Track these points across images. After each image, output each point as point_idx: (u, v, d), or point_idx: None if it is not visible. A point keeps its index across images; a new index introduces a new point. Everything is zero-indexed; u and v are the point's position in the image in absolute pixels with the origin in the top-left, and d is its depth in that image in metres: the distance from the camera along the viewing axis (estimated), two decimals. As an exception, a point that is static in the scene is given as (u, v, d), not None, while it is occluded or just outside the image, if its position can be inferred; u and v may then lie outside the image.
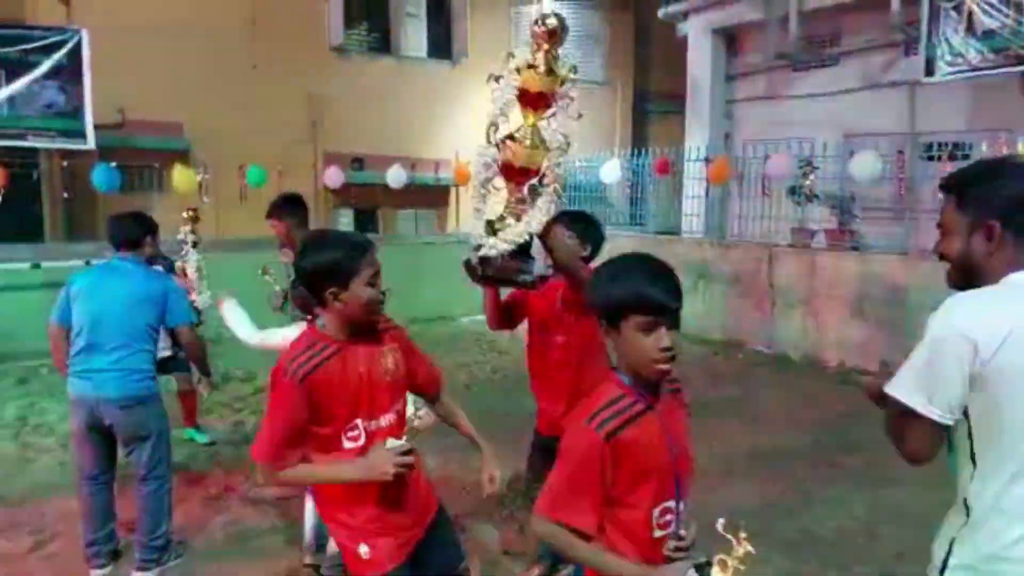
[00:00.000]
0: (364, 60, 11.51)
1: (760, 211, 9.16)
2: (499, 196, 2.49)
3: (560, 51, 2.40)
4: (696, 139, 10.32)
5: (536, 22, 2.37)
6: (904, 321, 6.64)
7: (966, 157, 7.85)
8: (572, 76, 2.44)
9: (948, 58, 6.75)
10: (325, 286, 1.95)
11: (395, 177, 9.55)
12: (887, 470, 3.92)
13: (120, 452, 3.38)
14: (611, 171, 9.59)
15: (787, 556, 3.51)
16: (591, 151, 11.48)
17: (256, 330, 3.25)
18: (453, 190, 11.93)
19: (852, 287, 7.47)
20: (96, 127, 8.36)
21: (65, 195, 8.64)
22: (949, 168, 3.01)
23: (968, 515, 1.49)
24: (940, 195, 1.61)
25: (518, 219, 2.45)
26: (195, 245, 4.79)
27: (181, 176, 7.50)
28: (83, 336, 3.19)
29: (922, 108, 8.63)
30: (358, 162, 11.22)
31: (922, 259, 6.65)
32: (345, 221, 11.67)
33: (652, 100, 14.40)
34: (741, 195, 8.88)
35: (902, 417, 1.49)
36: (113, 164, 7.15)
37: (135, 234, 3.38)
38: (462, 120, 12.14)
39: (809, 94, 9.86)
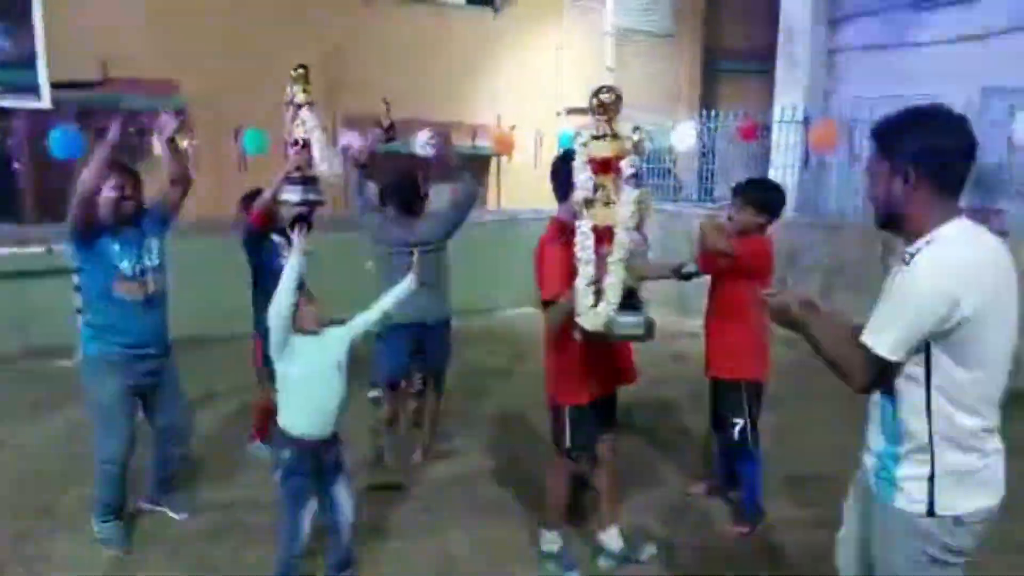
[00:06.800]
0: (393, 8, 9.96)
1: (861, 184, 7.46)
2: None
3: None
4: (788, 97, 8.54)
5: (593, 96, 2.58)
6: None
7: None
8: (638, 137, 2.66)
9: None
10: None
11: (420, 144, 7.98)
12: None
13: None
14: (685, 136, 7.93)
15: None
16: (653, 113, 9.80)
17: None
18: (494, 160, 10.38)
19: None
20: (71, 85, 7.04)
21: (16, 164, 7.35)
22: None
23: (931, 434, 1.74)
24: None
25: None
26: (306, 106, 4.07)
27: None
28: None
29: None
30: (386, 127, 9.74)
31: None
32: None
33: (722, 57, 12.55)
34: (851, 165, 7.15)
35: (869, 361, 1.72)
36: (77, 127, 5.77)
37: None
38: (505, 79, 10.53)
39: (935, 40, 7.97)
